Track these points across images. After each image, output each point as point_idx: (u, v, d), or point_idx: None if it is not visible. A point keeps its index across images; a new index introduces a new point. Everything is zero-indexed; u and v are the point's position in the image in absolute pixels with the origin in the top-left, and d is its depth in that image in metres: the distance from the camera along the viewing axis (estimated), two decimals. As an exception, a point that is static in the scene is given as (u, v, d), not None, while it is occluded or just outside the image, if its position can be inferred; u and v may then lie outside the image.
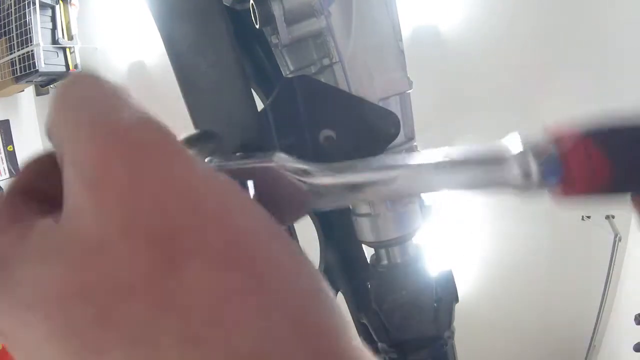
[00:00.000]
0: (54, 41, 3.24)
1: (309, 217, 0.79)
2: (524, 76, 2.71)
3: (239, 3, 0.63)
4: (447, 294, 0.68)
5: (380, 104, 0.59)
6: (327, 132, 0.61)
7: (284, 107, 0.62)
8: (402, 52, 0.59)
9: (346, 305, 0.84)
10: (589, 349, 2.85)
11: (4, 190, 0.23)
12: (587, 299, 2.80)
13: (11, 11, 3.12)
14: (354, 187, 0.35)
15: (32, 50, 3.07)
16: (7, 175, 3.54)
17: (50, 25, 3.23)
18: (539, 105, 2.68)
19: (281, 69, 0.61)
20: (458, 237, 3.05)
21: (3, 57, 3.17)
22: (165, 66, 0.53)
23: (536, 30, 2.64)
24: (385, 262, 0.69)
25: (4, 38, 3.18)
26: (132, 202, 0.18)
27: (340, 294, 0.83)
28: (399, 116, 0.60)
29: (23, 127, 3.72)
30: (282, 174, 0.32)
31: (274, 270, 0.19)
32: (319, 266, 0.80)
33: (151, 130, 0.20)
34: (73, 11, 3.36)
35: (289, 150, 0.63)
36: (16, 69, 3.16)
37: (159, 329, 0.16)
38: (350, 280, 0.82)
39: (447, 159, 0.35)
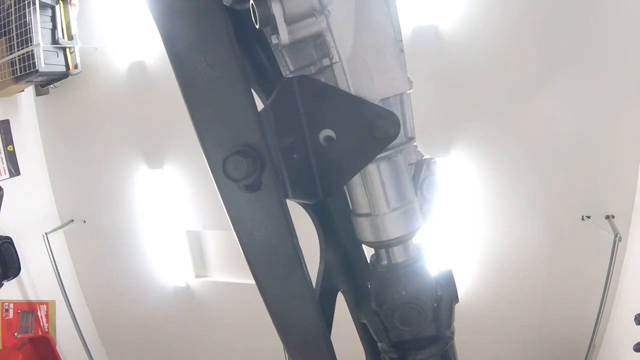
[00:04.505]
0: (54, 41, 3.24)
1: (309, 217, 0.79)
2: (524, 75, 2.71)
3: (239, 3, 0.63)
4: (447, 294, 0.68)
5: (380, 104, 0.59)
6: (327, 132, 0.61)
7: (284, 107, 0.62)
8: (402, 52, 0.59)
9: (346, 305, 0.84)
10: (589, 349, 2.85)
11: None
12: (587, 299, 2.79)
13: (11, 11, 3.12)
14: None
15: (32, 50, 3.07)
16: (7, 175, 3.54)
17: (50, 25, 3.23)
18: (539, 104, 2.68)
19: (281, 69, 0.61)
20: (458, 237, 3.05)
21: (3, 57, 3.17)
22: (165, 66, 0.53)
23: (536, 30, 2.63)
24: (385, 262, 0.69)
25: (4, 38, 3.18)
26: None
27: (340, 294, 0.83)
28: (399, 116, 0.60)
29: (23, 127, 3.72)
30: None
31: None
32: (319, 266, 0.80)
33: None
34: (73, 11, 3.36)
35: (289, 150, 0.63)
36: (16, 69, 3.15)
37: None
38: (350, 280, 0.82)
39: None
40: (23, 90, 3.56)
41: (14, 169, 3.60)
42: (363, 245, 0.78)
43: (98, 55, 3.53)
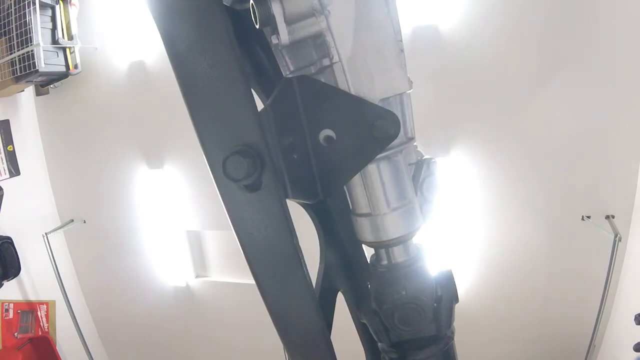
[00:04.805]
0: (54, 41, 3.24)
1: (309, 217, 0.79)
2: (524, 75, 2.71)
3: (239, 3, 0.63)
4: (447, 294, 0.68)
5: (380, 104, 0.59)
6: (327, 132, 0.61)
7: (284, 107, 0.62)
8: (402, 52, 0.59)
9: (346, 305, 0.84)
10: (589, 349, 2.85)
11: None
12: (587, 299, 2.79)
13: (11, 11, 3.12)
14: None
15: (32, 50, 3.07)
16: (7, 175, 3.54)
17: (50, 25, 3.23)
18: (539, 104, 2.68)
19: (281, 69, 0.61)
20: (458, 237, 3.05)
21: (3, 57, 3.17)
22: (165, 66, 0.53)
23: (536, 30, 2.63)
24: (385, 262, 0.69)
25: (4, 38, 3.18)
26: None
27: (340, 294, 0.83)
28: (399, 116, 0.60)
29: (23, 127, 3.72)
30: None
31: None
32: (319, 266, 0.80)
33: None
34: (73, 11, 3.35)
35: (289, 150, 0.63)
36: (16, 69, 3.15)
37: None
38: (350, 280, 0.82)
39: None
40: (23, 90, 3.56)
41: (14, 169, 3.60)
42: (363, 245, 0.77)
43: (98, 55, 3.53)
